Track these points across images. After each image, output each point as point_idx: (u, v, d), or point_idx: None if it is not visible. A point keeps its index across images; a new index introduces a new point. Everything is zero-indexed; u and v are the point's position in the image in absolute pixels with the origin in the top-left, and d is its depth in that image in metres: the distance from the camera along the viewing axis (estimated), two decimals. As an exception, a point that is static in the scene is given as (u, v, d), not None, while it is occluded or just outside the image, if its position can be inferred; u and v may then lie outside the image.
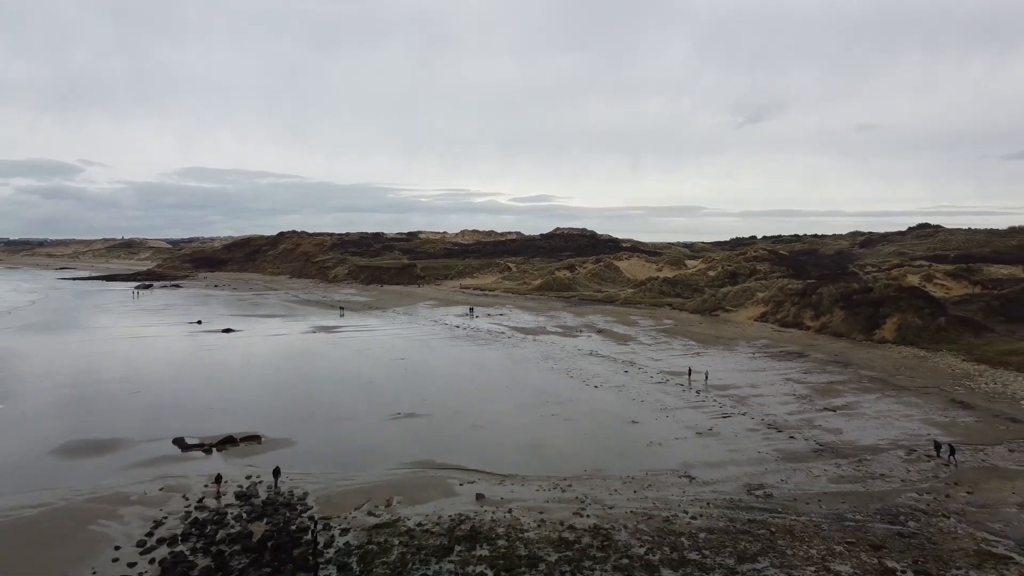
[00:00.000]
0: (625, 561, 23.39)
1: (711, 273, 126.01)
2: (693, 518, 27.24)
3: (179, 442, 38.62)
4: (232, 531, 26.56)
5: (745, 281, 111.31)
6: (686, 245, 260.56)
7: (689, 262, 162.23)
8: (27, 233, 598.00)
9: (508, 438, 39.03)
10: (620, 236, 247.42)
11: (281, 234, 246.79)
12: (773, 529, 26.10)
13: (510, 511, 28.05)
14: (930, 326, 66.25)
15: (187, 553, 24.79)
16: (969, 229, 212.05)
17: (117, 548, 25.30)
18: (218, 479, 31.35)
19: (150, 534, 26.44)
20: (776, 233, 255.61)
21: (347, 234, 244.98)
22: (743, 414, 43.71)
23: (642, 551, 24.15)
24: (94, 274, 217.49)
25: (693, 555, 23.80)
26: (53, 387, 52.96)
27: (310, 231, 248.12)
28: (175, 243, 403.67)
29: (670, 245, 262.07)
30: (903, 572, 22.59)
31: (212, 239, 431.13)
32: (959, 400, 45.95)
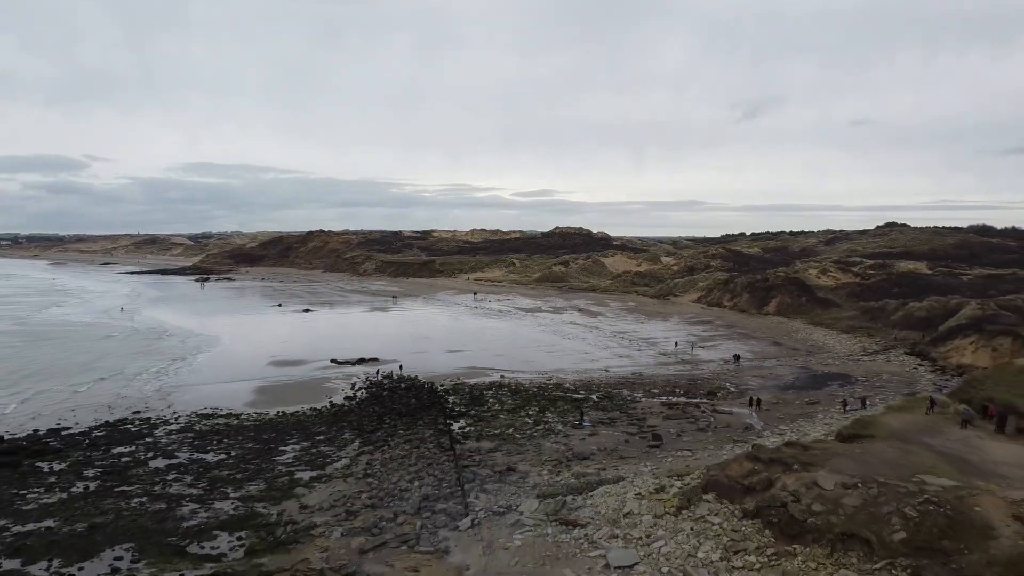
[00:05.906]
0: (566, 388, 55.26)
1: (675, 267, 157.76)
2: (602, 381, 59.10)
3: (334, 361, 70.45)
4: (392, 385, 58.50)
5: (699, 274, 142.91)
6: (674, 242, 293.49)
7: (664, 258, 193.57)
8: (33, 228, 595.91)
9: (514, 359, 70.85)
10: (620, 232, 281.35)
11: (310, 233, 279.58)
12: (634, 383, 57.96)
13: (516, 379, 59.92)
14: (796, 303, 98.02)
15: (375, 390, 56.70)
16: (921, 228, 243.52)
17: (342, 390, 57.17)
18: (378, 372, 63.38)
19: (353, 386, 58.35)
20: (777, 228, 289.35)
21: (369, 232, 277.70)
22: (650, 349, 75.60)
23: (574, 388, 56.02)
24: (144, 269, 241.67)
25: (594, 388, 55.65)
26: (233, 343, 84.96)
27: (323, 228, 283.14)
28: (195, 238, 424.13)
29: (660, 241, 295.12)
30: (680, 395, 54.33)
31: (223, 234, 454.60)
32: (777, 342, 77.88)
